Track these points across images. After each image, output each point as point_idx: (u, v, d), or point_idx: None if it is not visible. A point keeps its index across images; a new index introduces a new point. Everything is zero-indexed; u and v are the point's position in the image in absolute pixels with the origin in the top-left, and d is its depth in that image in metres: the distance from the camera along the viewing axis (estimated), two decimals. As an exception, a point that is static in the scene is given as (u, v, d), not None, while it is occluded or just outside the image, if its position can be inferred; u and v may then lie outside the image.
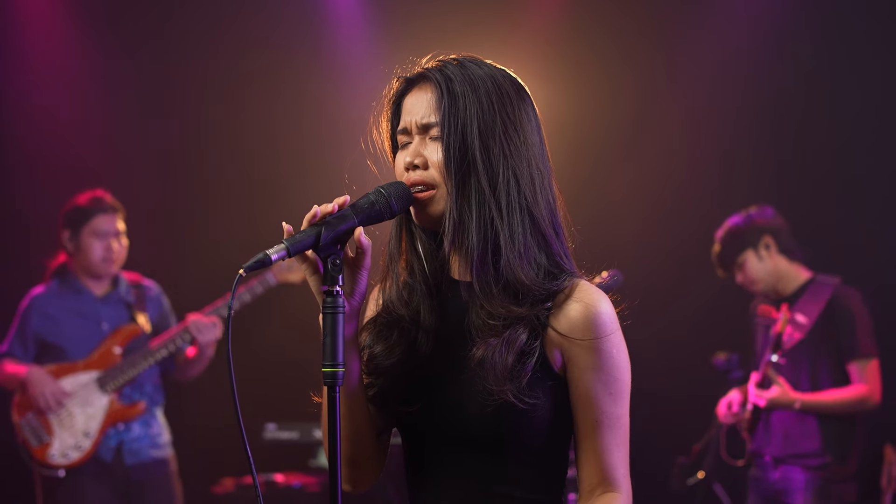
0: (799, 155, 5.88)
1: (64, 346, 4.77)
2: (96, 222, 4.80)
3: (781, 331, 4.50)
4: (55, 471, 4.67)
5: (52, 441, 4.67)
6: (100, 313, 4.84)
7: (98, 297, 4.86)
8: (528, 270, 1.90)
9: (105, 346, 4.79)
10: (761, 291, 4.80)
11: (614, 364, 1.91)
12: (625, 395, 1.93)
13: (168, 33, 6.29)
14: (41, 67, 6.14)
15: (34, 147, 6.11)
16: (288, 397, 5.20)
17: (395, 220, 2.00)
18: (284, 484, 5.41)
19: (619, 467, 1.92)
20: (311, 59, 6.25)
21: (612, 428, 1.91)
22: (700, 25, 6.00)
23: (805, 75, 5.86)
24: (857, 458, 4.63)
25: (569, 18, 6.14)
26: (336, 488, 1.83)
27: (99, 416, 4.72)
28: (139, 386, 4.83)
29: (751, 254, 4.74)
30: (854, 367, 4.59)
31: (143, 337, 4.87)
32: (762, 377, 4.55)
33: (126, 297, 4.90)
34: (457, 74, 1.94)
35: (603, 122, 5.95)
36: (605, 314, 1.90)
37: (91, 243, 4.79)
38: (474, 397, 1.89)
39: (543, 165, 1.96)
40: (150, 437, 4.83)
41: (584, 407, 1.91)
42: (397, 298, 2.00)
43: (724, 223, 4.86)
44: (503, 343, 1.87)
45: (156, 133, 6.25)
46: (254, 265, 1.77)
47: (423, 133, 1.95)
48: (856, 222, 5.69)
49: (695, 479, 5.02)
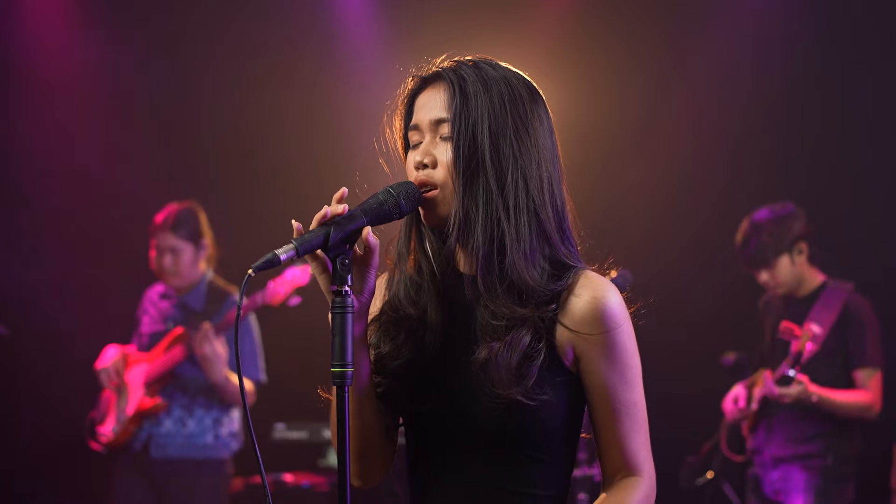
0: (808, 153, 5.86)
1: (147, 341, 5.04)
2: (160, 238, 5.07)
3: (802, 348, 4.49)
4: (101, 447, 4.97)
5: (106, 420, 4.95)
6: (169, 313, 5.06)
7: (176, 298, 5.09)
8: (532, 272, 1.90)
9: (161, 343, 4.94)
10: (781, 293, 4.79)
11: (626, 353, 1.93)
12: (638, 381, 1.95)
13: (174, 34, 6.30)
14: (47, 67, 6.18)
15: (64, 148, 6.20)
16: (297, 397, 5.20)
17: (404, 218, 2.00)
18: (293, 484, 5.41)
19: (639, 451, 1.94)
20: (319, 59, 6.25)
21: (630, 415, 1.93)
22: (709, 24, 6.00)
23: (814, 73, 5.85)
24: (856, 459, 4.64)
25: (578, 18, 6.14)
26: (345, 488, 1.83)
27: (131, 406, 4.89)
28: (181, 386, 4.92)
29: (785, 257, 4.72)
30: (860, 374, 4.61)
31: (186, 338, 4.89)
32: (781, 377, 4.53)
33: (191, 302, 5.07)
34: (470, 75, 1.94)
35: (612, 121, 5.94)
36: (612, 305, 1.91)
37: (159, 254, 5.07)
38: (481, 398, 1.89)
39: (554, 169, 1.97)
40: (182, 436, 4.89)
41: (600, 398, 1.93)
42: (405, 297, 2.00)
43: (754, 219, 4.76)
44: (506, 346, 1.87)
45: (163, 133, 6.27)
46: (263, 265, 1.77)
47: (433, 132, 1.95)
48: (866, 222, 5.68)
49: (704, 478, 5.01)
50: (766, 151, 5.94)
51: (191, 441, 4.89)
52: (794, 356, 4.50)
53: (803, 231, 4.73)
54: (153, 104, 6.31)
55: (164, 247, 5.00)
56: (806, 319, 4.61)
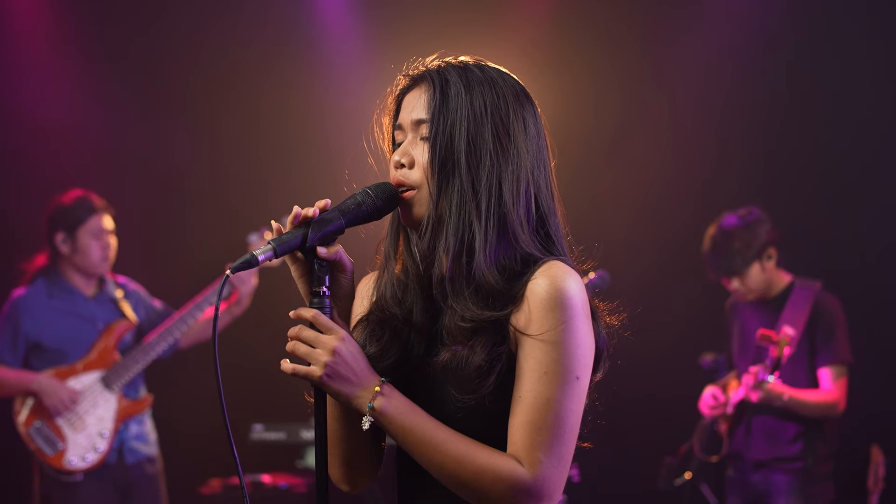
0: (783, 156, 5.90)
1: (61, 348, 4.75)
2: (93, 222, 4.80)
3: (780, 354, 4.47)
4: (73, 476, 4.65)
5: (67, 446, 4.63)
6: (94, 313, 4.85)
7: (89, 297, 4.86)
8: (497, 276, 1.88)
9: (101, 344, 4.79)
10: (751, 298, 4.80)
11: (562, 345, 1.83)
12: (564, 380, 1.83)
13: (152, 35, 6.27)
14: (24, 67, 6.11)
15: (10, 148, 6.04)
16: (275, 398, 5.21)
17: (391, 219, 2.01)
18: (271, 484, 5.40)
19: (535, 449, 1.81)
20: (297, 59, 6.24)
21: (536, 409, 1.82)
22: (685, 28, 6.02)
23: (790, 76, 5.88)
24: (833, 457, 4.66)
25: (555, 20, 6.14)
26: (324, 490, 1.83)
27: (110, 415, 4.74)
28: (133, 383, 4.85)
29: (756, 265, 4.72)
30: (826, 371, 4.61)
31: (134, 331, 4.90)
32: (754, 383, 4.52)
33: (112, 294, 4.91)
34: (453, 76, 1.94)
35: (588, 124, 5.96)
36: (566, 293, 1.84)
37: (89, 243, 4.79)
38: (446, 401, 1.89)
39: (538, 173, 1.95)
40: (144, 435, 4.86)
41: (517, 379, 1.85)
42: (391, 297, 1.99)
43: (723, 226, 4.75)
44: (467, 350, 1.86)
45: (139, 134, 6.22)
46: (241, 265, 1.79)
47: (415, 132, 1.95)
48: (841, 223, 5.71)
49: (682, 479, 5.03)
50: (741, 154, 5.96)
51: (148, 438, 4.88)
52: (773, 361, 4.50)
53: (771, 236, 4.73)
54: (134, 104, 6.27)
55: (103, 230, 4.81)
56: (778, 322, 4.62)
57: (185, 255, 6.09)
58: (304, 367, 1.82)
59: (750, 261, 4.69)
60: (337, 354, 1.81)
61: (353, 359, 1.83)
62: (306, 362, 1.83)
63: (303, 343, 1.83)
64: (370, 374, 1.85)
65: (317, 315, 1.83)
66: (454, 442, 1.83)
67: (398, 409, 1.84)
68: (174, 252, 6.16)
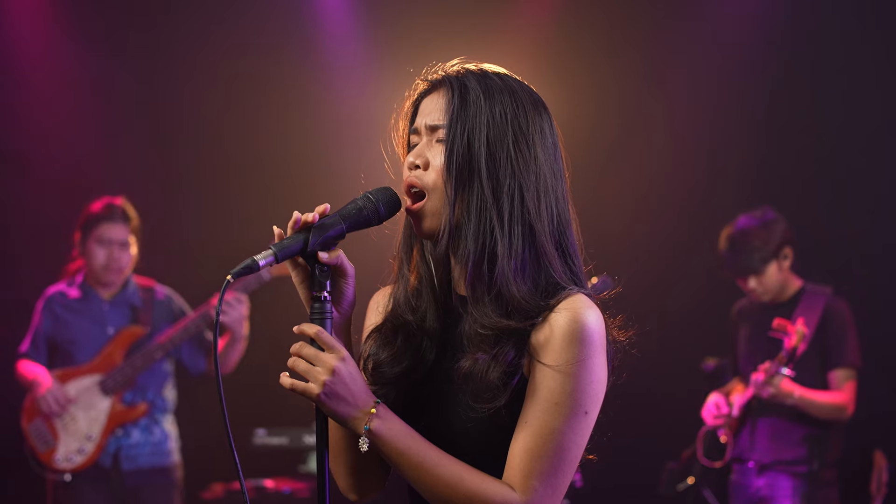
0: (784, 156, 5.90)
1: (71, 350, 4.83)
2: (101, 230, 4.84)
3: (796, 345, 4.45)
4: (61, 475, 4.71)
5: (58, 446, 4.72)
6: (106, 317, 4.88)
7: (105, 301, 4.90)
8: (521, 285, 1.87)
9: (108, 349, 4.82)
10: (766, 299, 4.80)
11: (575, 379, 1.83)
12: (573, 415, 1.83)
13: (156, 36, 6.28)
14: (30, 70, 6.13)
15: (45, 152, 6.11)
16: (277, 403, 5.19)
17: (404, 225, 2.01)
18: (274, 489, 5.39)
19: (533, 477, 1.82)
20: (299, 60, 6.24)
21: (540, 437, 1.82)
22: (685, 30, 6.02)
23: (790, 81, 5.88)
24: (838, 463, 4.66)
25: (556, 22, 6.15)
26: (324, 496, 1.83)
27: (101, 419, 4.75)
28: (141, 391, 4.85)
29: (774, 264, 4.73)
30: (836, 375, 4.62)
31: (145, 339, 4.89)
32: (766, 378, 4.51)
33: (132, 301, 4.93)
34: (472, 82, 1.94)
35: (589, 125, 5.94)
36: (587, 328, 1.84)
37: (94, 251, 4.84)
38: (459, 412, 1.88)
39: (554, 183, 1.95)
40: (150, 444, 4.85)
41: (526, 404, 1.85)
42: (405, 302, 1.99)
43: (741, 225, 4.75)
44: (491, 359, 1.85)
45: (148, 136, 6.25)
46: (241, 271, 1.78)
47: (430, 136, 1.95)
48: (842, 224, 5.71)
49: (684, 484, 5.02)
50: (742, 155, 5.96)
51: (158, 448, 4.87)
52: (788, 353, 4.47)
53: (787, 235, 4.75)
54: (134, 106, 6.28)
55: (111, 240, 4.84)
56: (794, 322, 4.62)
57: (194, 258, 6.08)
58: (302, 384, 1.82)
59: (768, 259, 4.70)
60: (336, 374, 1.81)
61: (352, 379, 1.82)
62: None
63: (303, 360, 1.83)
64: (367, 395, 1.84)
65: (319, 332, 1.83)
66: (447, 465, 1.83)
67: (393, 431, 1.84)
68: (181, 255, 6.16)
